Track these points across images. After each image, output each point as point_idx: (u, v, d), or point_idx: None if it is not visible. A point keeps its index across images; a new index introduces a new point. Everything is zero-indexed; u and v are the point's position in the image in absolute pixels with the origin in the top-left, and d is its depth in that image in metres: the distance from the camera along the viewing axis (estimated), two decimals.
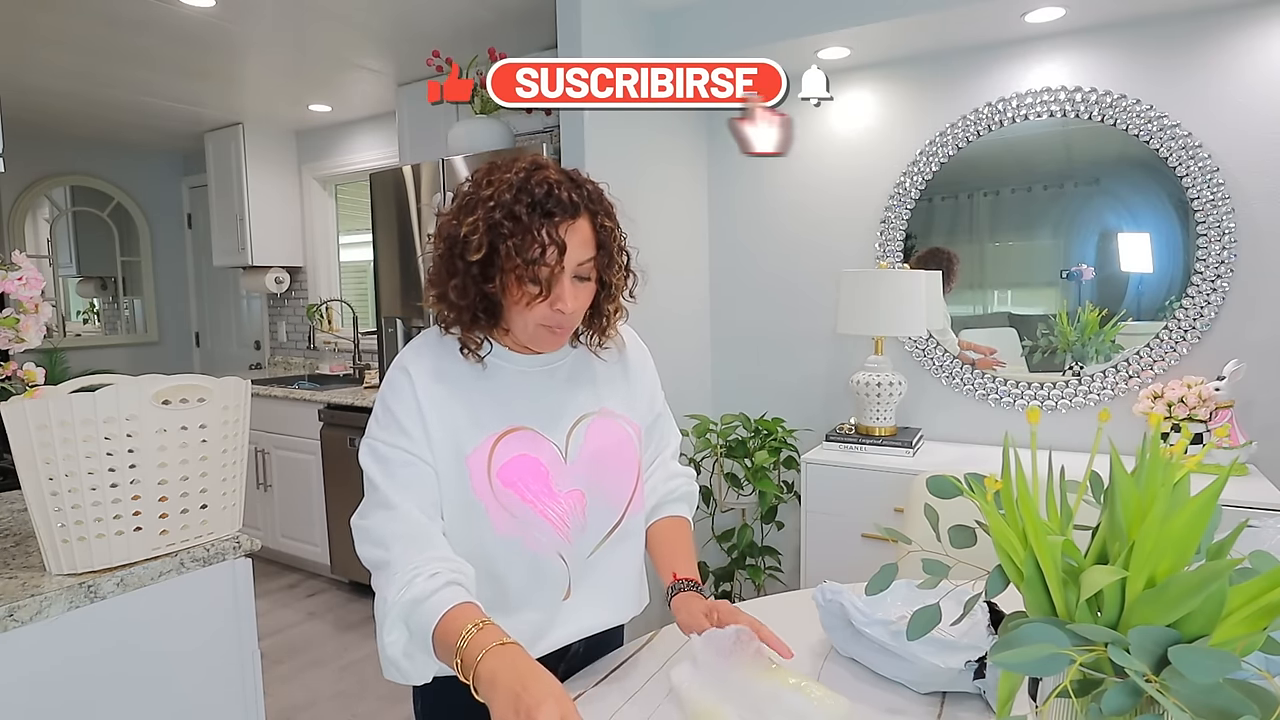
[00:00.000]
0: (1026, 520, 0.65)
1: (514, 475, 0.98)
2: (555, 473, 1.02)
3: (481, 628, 0.81)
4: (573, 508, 1.02)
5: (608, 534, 1.07)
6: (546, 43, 2.74)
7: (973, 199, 2.49)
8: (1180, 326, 2.20)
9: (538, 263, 0.91)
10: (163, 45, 2.87)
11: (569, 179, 0.97)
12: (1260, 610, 0.56)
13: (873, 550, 2.25)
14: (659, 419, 1.19)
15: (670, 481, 1.18)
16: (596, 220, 0.97)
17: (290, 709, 2.50)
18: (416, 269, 2.71)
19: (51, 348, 4.26)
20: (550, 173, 0.95)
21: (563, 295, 0.94)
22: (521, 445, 1.00)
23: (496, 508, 0.98)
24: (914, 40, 2.39)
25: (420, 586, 0.86)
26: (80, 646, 1.14)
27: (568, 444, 1.03)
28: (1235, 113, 2.11)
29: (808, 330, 2.81)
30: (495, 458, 0.98)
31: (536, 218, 0.91)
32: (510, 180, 0.94)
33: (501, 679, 0.76)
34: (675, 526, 1.15)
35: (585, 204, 0.96)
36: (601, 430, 1.06)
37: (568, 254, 0.93)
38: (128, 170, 4.64)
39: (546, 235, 0.91)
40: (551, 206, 0.92)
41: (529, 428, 1.01)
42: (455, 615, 0.83)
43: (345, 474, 3.34)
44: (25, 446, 1.08)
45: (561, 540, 1.02)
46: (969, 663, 0.96)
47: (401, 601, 0.86)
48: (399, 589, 0.86)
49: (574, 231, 0.94)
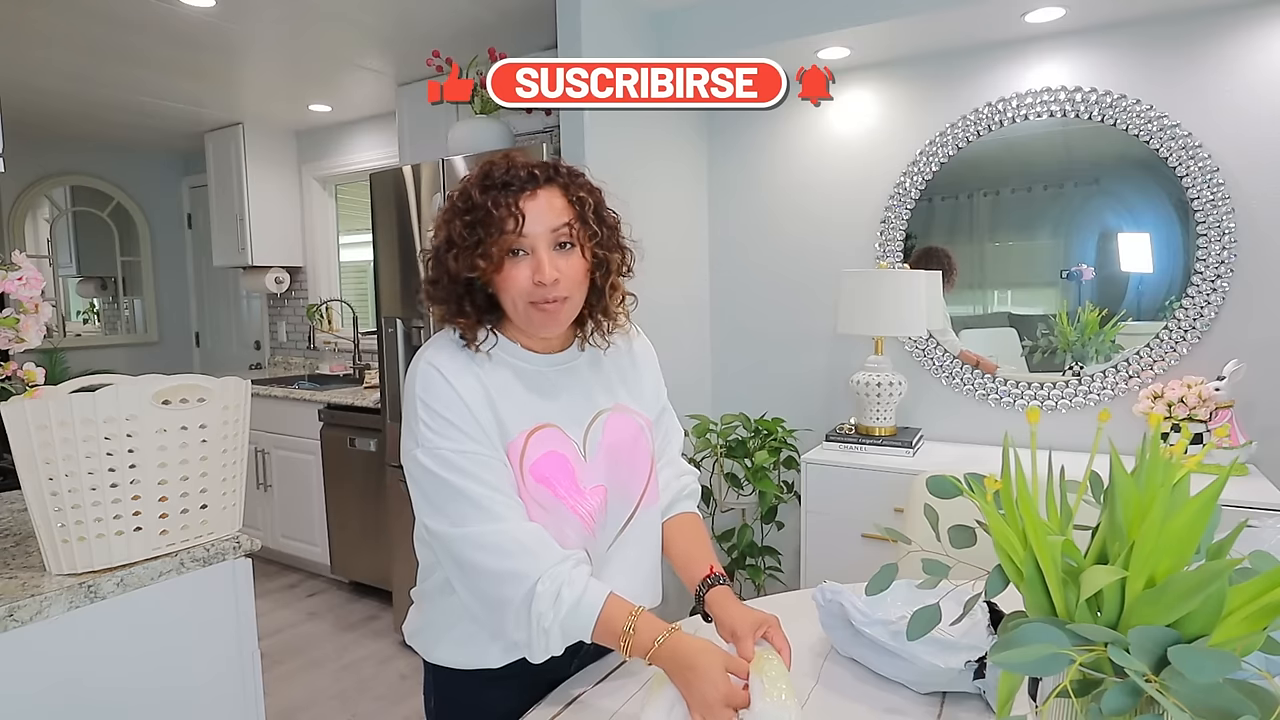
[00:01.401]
0: (1026, 520, 0.65)
1: (545, 471, 0.99)
2: (580, 469, 1.03)
3: (638, 614, 0.92)
4: (597, 503, 1.04)
5: (622, 527, 1.08)
6: (546, 43, 2.74)
7: (973, 199, 2.49)
8: (1180, 326, 2.20)
9: (495, 236, 0.93)
10: (163, 45, 2.87)
11: (542, 161, 0.99)
12: (1260, 610, 0.55)
13: (873, 550, 2.25)
14: (664, 412, 1.20)
15: (680, 479, 1.19)
16: (569, 191, 0.99)
17: (290, 709, 2.50)
18: (417, 269, 2.71)
19: (51, 348, 4.26)
20: (518, 155, 0.98)
21: (541, 265, 0.94)
22: (550, 442, 1.01)
23: (531, 503, 0.98)
24: (914, 40, 2.39)
25: (568, 597, 0.91)
26: (80, 647, 1.14)
27: (586, 441, 1.04)
28: (1235, 113, 2.11)
29: (808, 330, 2.81)
30: (527, 454, 0.98)
31: (493, 193, 0.94)
32: (477, 171, 0.98)
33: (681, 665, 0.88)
34: (691, 523, 1.17)
35: (551, 176, 0.98)
36: (617, 425, 1.07)
37: (530, 220, 0.94)
38: (128, 170, 4.64)
39: (506, 208, 0.93)
40: (509, 179, 0.95)
41: (553, 425, 1.02)
42: (610, 611, 0.91)
43: (345, 474, 3.34)
44: (25, 446, 1.08)
45: (588, 535, 1.03)
46: (969, 663, 0.96)
47: (559, 617, 0.90)
48: (549, 602, 0.90)
49: (537, 200, 0.95)
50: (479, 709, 1.06)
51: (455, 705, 1.09)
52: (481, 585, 0.93)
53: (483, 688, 1.05)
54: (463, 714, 1.09)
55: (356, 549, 3.36)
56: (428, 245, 1.01)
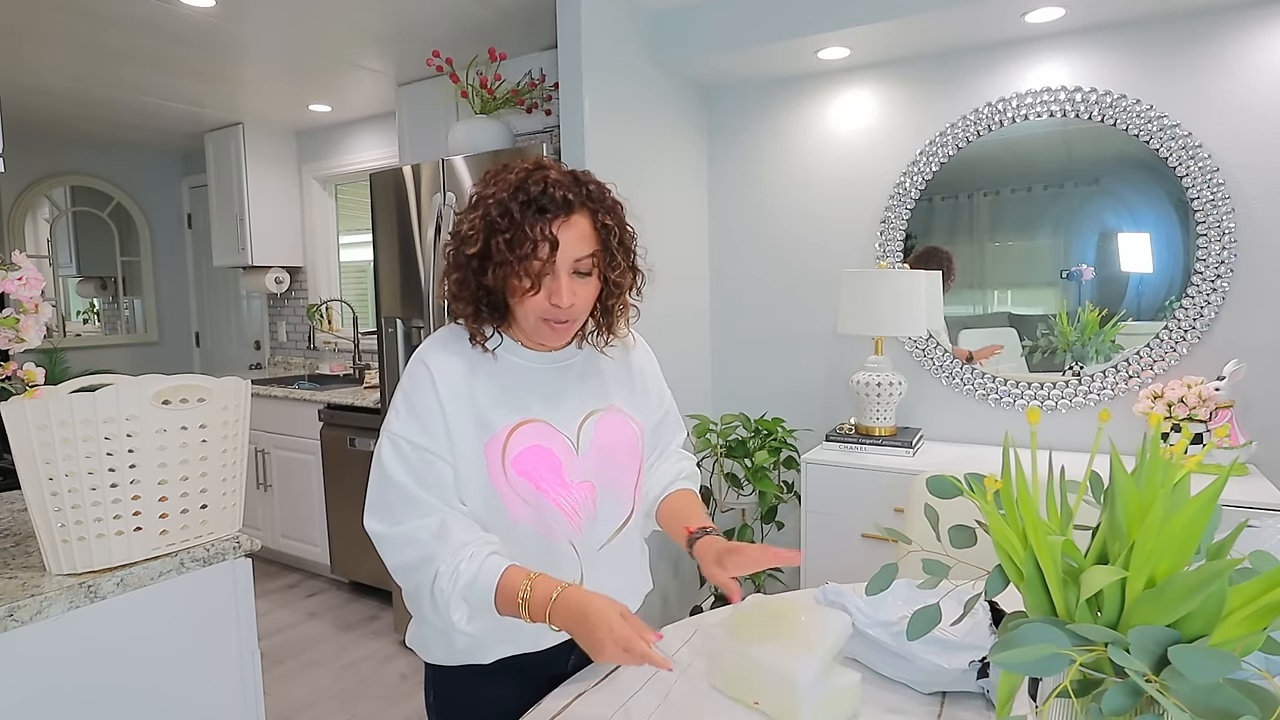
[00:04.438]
0: (1026, 520, 0.65)
1: (527, 465, 1.02)
2: (568, 464, 1.05)
3: (535, 577, 0.93)
4: (584, 498, 1.06)
5: (620, 527, 1.11)
6: (546, 43, 2.74)
7: (973, 199, 2.49)
8: (1180, 326, 2.20)
9: (529, 258, 0.95)
10: (163, 45, 2.87)
11: (572, 178, 1.00)
12: (1260, 610, 0.55)
13: (873, 550, 2.25)
14: (667, 415, 1.24)
15: (679, 464, 1.24)
16: (596, 217, 1.00)
17: (290, 709, 2.50)
18: (417, 269, 2.71)
19: (51, 348, 4.26)
20: (550, 172, 0.98)
21: (559, 290, 0.97)
22: (535, 436, 1.03)
23: (511, 495, 1.01)
24: (914, 40, 2.39)
25: (466, 570, 0.93)
26: (80, 646, 1.14)
27: (579, 436, 1.07)
28: (1235, 113, 2.11)
29: (808, 330, 2.81)
30: (510, 447, 1.01)
31: (530, 214, 0.95)
32: (510, 180, 0.98)
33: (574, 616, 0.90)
34: (686, 496, 1.20)
35: (583, 201, 0.99)
36: (610, 426, 1.10)
37: (561, 250, 0.96)
38: (128, 170, 4.64)
39: (540, 231, 0.95)
40: (545, 203, 0.96)
41: (542, 420, 1.05)
42: (507, 578, 0.93)
43: (345, 474, 3.34)
44: (25, 446, 1.08)
45: (573, 529, 1.05)
46: (973, 662, 0.96)
47: (457, 588, 0.93)
48: (448, 579, 0.93)
49: (569, 228, 0.97)
50: (478, 705, 1.08)
51: (454, 702, 1.11)
52: (404, 577, 0.98)
53: (481, 684, 1.07)
54: (462, 710, 1.10)
55: (356, 549, 3.36)
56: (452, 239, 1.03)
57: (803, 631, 0.95)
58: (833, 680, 0.91)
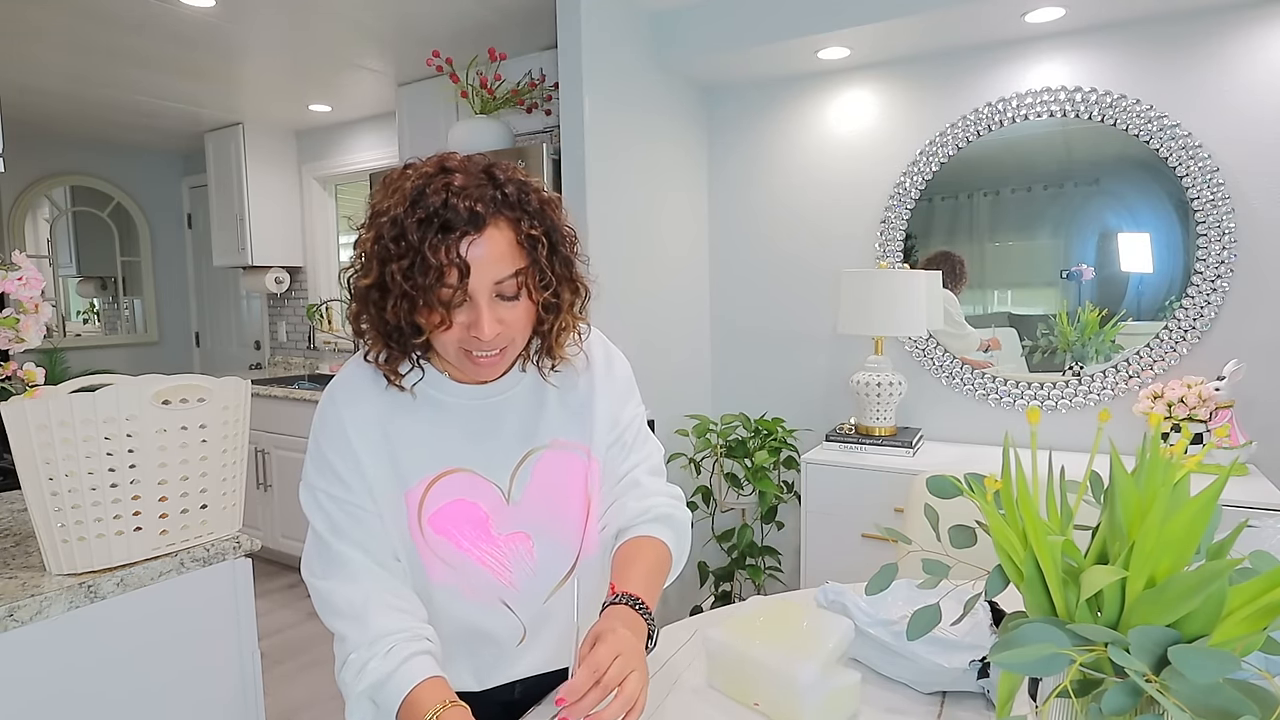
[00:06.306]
0: (1026, 520, 0.65)
1: (446, 523, 0.91)
2: (496, 517, 0.93)
3: (448, 707, 0.79)
4: (516, 551, 0.94)
5: (566, 575, 0.98)
6: (546, 43, 2.74)
7: (973, 199, 2.49)
8: (1180, 326, 2.20)
9: (435, 287, 0.79)
10: (163, 45, 2.87)
11: (485, 178, 0.83)
12: (1260, 610, 0.55)
13: (873, 550, 2.25)
14: (626, 433, 1.03)
15: (645, 500, 1.00)
16: (519, 227, 0.83)
17: (290, 709, 2.50)
18: None
19: (51, 348, 4.25)
20: (455, 177, 0.81)
21: (479, 321, 0.81)
22: (458, 489, 0.92)
23: (430, 555, 0.91)
24: (914, 40, 2.39)
25: (376, 669, 0.83)
26: (80, 646, 1.14)
27: (511, 484, 0.94)
28: (1235, 113, 2.11)
29: (808, 330, 2.81)
30: (426, 505, 0.90)
31: (431, 234, 0.78)
32: (406, 190, 0.81)
33: None
34: (638, 545, 0.96)
35: (499, 209, 0.82)
36: (552, 465, 0.96)
37: (475, 274, 0.80)
38: (128, 170, 4.64)
39: (445, 255, 0.78)
40: (449, 218, 0.78)
41: (468, 469, 0.92)
42: (417, 696, 0.81)
43: None
44: (25, 446, 1.08)
45: (504, 587, 0.95)
46: (974, 662, 0.96)
47: (362, 686, 0.84)
48: (354, 673, 0.84)
49: (483, 245, 0.80)
50: None
51: None
52: (334, 646, 0.90)
53: None
54: None
55: None
56: (348, 263, 0.88)
57: (803, 634, 0.95)
58: (833, 680, 0.91)
